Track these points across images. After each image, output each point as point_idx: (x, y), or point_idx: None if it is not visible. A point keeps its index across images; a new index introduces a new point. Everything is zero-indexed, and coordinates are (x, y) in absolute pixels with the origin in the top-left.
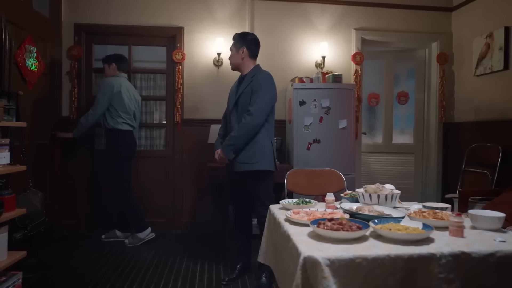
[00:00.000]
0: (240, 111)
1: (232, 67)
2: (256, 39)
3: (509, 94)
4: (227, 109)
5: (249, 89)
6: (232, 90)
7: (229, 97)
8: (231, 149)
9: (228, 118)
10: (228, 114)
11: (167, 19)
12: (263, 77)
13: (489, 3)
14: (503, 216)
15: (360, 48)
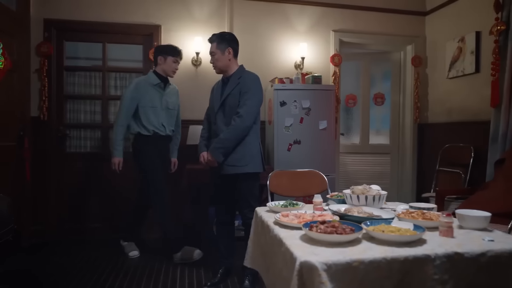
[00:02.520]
0: (228, 112)
1: (218, 71)
2: (236, 37)
3: (480, 96)
4: (211, 111)
5: (237, 91)
6: (215, 91)
7: (213, 98)
8: (221, 152)
9: (213, 119)
10: (213, 115)
11: (143, 17)
12: (251, 79)
13: (461, 8)
14: (489, 215)
15: (338, 50)
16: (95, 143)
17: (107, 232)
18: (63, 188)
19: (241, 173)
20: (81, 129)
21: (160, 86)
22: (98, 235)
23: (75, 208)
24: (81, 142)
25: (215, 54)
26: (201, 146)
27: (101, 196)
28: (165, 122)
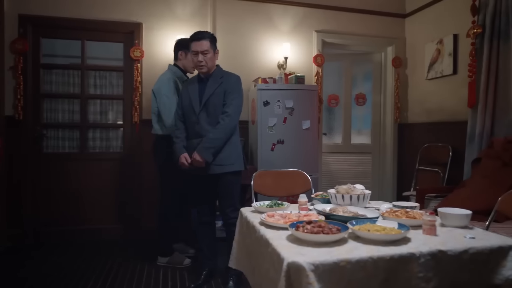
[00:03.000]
0: (212, 112)
1: (206, 70)
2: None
3: (458, 97)
4: (186, 110)
5: (220, 90)
6: (190, 90)
7: (189, 97)
8: (211, 152)
9: (193, 119)
10: (193, 115)
11: (124, 14)
12: (236, 79)
13: (439, 11)
14: (470, 213)
15: (321, 50)
16: (74, 143)
17: (87, 235)
18: (40, 190)
19: (228, 172)
20: (59, 129)
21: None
22: (78, 238)
23: (52, 210)
24: (59, 142)
25: (208, 53)
26: (179, 147)
27: (81, 198)
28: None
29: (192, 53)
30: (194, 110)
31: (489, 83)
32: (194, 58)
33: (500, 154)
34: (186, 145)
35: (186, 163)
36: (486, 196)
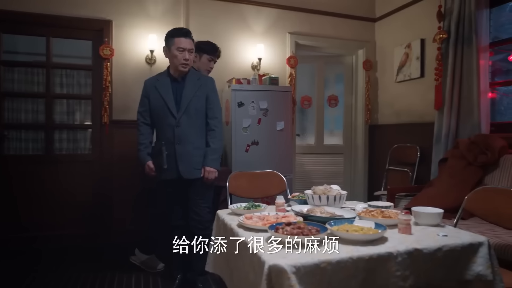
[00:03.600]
0: (193, 115)
1: (187, 70)
2: None
3: (425, 99)
4: (161, 113)
5: (201, 94)
6: (162, 90)
7: (164, 99)
8: (219, 161)
9: (172, 122)
10: (173, 118)
11: (93, 11)
12: (213, 82)
13: (407, 17)
14: (442, 212)
15: (294, 52)
16: (39, 145)
17: (54, 242)
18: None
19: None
20: (22, 129)
21: None
22: (41, 245)
23: (14, 216)
24: (21, 143)
25: (192, 53)
26: (143, 155)
27: (46, 202)
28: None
29: (178, 50)
30: (171, 113)
31: (454, 86)
32: (179, 55)
33: (464, 154)
34: (157, 150)
35: (150, 172)
36: (452, 194)
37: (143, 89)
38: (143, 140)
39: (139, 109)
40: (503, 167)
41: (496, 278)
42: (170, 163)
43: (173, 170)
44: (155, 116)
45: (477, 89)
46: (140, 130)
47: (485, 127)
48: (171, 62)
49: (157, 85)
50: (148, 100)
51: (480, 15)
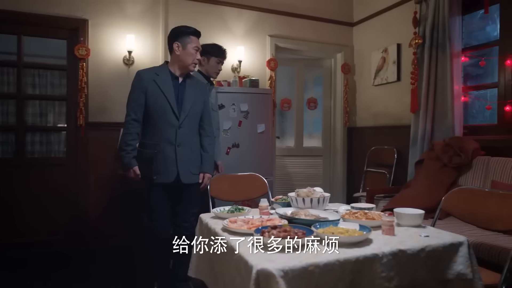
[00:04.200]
0: (193, 119)
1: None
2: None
3: (402, 103)
4: (163, 111)
5: (201, 98)
6: (166, 88)
7: (167, 97)
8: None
9: (175, 123)
10: (176, 119)
11: (68, 9)
12: (207, 87)
13: (384, 22)
14: (423, 213)
15: (274, 55)
16: (9, 147)
17: (25, 248)
18: None
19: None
20: None
21: (210, 88)
22: (11, 252)
23: None
24: None
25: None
26: (129, 159)
27: (17, 208)
28: (215, 126)
29: (194, 49)
30: (174, 113)
31: (429, 90)
32: (194, 54)
33: (440, 156)
34: (150, 152)
35: (133, 176)
36: (429, 195)
37: (137, 81)
38: (130, 141)
39: (131, 103)
40: (475, 168)
41: (475, 276)
42: (169, 165)
43: (172, 173)
44: (153, 114)
45: (451, 93)
46: (129, 128)
47: (458, 129)
48: (180, 60)
49: (157, 80)
50: (144, 95)
51: (453, 22)
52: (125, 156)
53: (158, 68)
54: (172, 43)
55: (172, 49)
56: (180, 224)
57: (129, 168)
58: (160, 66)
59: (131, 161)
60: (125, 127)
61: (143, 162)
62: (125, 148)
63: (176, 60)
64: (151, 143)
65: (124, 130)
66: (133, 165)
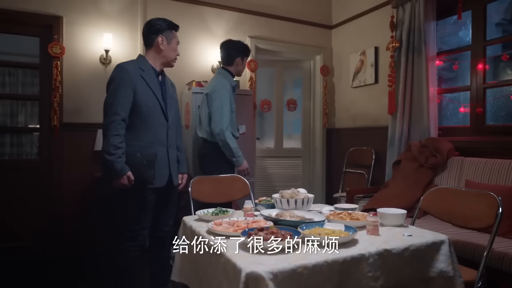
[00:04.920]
0: (176, 118)
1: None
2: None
3: (379, 104)
4: (153, 110)
5: (176, 96)
6: (154, 85)
7: (156, 94)
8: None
9: (164, 123)
10: (165, 118)
11: (41, 5)
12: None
13: (362, 25)
14: (405, 212)
15: (254, 56)
16: None
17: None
18: None
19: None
20: None
21: (235, 88)
22: None
23: None
24: None
25: None
26: (122, 164)
27: None
28: (234, 128)
29: (177, 44)
30: (163, 112)
31: (406, 93)
32: (177, 50)
33: (416, 157)
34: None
35: (126, 183)
36: (406, 194)
37: (125, 75)
38: (120, 143)
39: (120, 99)
40: (450, 168)
41: (456, 273)
42: (162, 168)
43: (165, 176)
44: (144, 114)
45: (426, 96)
46: (118, 129)
47: (433, 131)
48: (164, 55)
49: (144, 76)
50: (133, 92)
51: (428, 27)
52: (116, 162)
53: (140, 62)
54: (155, 37)
55: (154, 42)
56: (160, 229)
57: (123, 174)
58: (141, 61)
59: (124, 166)
60: (113, 128)
61: (139, 167)
62: (114, 152)
63: (159, 54)
64: (142, 145)
65: (111, 131)
66: (127, 171)
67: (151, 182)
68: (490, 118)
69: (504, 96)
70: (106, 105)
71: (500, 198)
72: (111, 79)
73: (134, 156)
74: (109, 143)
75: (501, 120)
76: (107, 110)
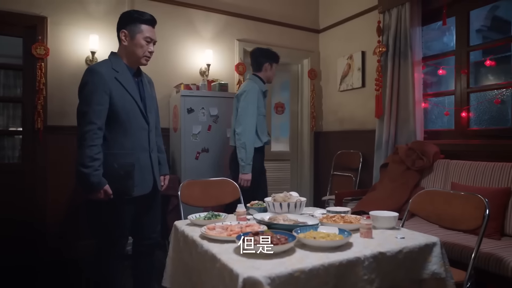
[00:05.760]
0: (156, 119)
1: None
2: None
3: (367, 108)
4: (133, 113)
5: (154, 94)
6: (130, 87)
7: (134, 97)
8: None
9: (145, 126)
10: (145, 122)
11: (24, 5)
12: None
13: (349, 30)
14: (397, 215)
15: (242, 59)
16: None
17: None
18: None
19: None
20: None
21: (265, 93)
22: None
23: None
24: None
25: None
26: (99, 177)
27: None
28: (263, 132)
29: (145, 39)
30: (143, 115)
31: (393, 97)
32: (145, 46)
33: (403, 160)
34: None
35: (110, 196)
36: (394, 197)
37: (99, 80)
38: (97, 154)
39: (94, 107)
40: (436, 171)
41: (448, 275)
42: (146, 174)
43: (149, 182)
44: (122, 119)
45: (412, 99)
46: (94, 139)
47: (419, 134)
48: (129, 52)
49: (119, 78)
50: (109, 97)
51: (414, 32)
52: (93, 175)
53: (113, 62)
54: (119, 31)
55: (120, 39)
56: (148, 236)
57: (100, 188)
58: (114, 60)
59: (101, 180)
60: (88, 138)
61: (116, 178)
62: (91, 165)
63: (124, 52)
64: (122, 153)
65: (87, 141)
66: (104, 184)
67: (130, 194)
68: (474, 122)
69: (487, 100)
70: (80, 113)
71: (487, 200)
72: (83, 84)
73: (112, 167)
74: (84, 154)
75: (485, 123)
76: (81, 118)
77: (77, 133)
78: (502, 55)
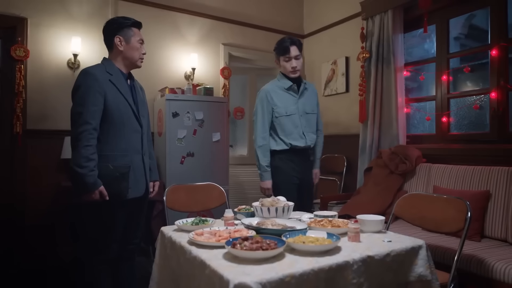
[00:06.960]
0: (148, 123)
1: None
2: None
3: (351, 113)
4: (126, 116)
5: (145, 99)
6: (124, 89)
7: (127, 99)
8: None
9: (138, 129)
10: (139, 124)
11: (3, 6)
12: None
13: (333, 36)
14: (383, 219)
15: (227, 63)
16: None
17: None
18: None
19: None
20: None
21: (294, 89)
22: None
23: None
24: None
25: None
26: (94, 178)
27: None
28: (305, 131)
29: (139, 42)
30: (137, 118)
31: (376, 102)
32: (141, 48)
33: (387, 164)
34: (121, 166)
35: (105, 198)
36: (378, 200)
37: (93, 81)
38: (92, 155)
39: (89, 107)
40: (419, 175)
41: (433, 277)
42: (139, 177)
43: (142, 185)
44: (116, 121)
45: (395, 105)
46: (89, 140)
47: (402, 138)
48: (126, 56)
49: (114, 80)
50: (103, 99)
51: (396, 39)
52: (88, 175)
53: (107, 66)
54: (113, 38)
55: (113, 44)
56: (131, 241)
57: (95, 189)
58: (107, 64)
59: (96, 180)
60: (83, 138)
61: (111, 179)
62: (86, 165)
63: (120, 56)
64: (116, 155)
65: (82, 141)
66: (99, 185)
67: (124, 196)
68: (454, 127)
69: (467, 106)
70: (74, 114)
71: (468, 203)
72: (77, 86)
73: (106, 168)
74: (80, 154)
75: (464, 128)
76: (75, 119)
77: (71, 134)
78: (479, 62)
